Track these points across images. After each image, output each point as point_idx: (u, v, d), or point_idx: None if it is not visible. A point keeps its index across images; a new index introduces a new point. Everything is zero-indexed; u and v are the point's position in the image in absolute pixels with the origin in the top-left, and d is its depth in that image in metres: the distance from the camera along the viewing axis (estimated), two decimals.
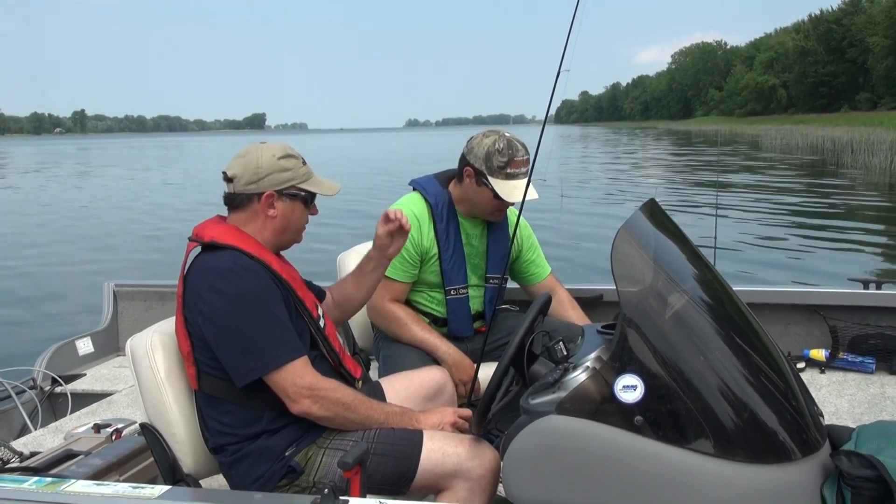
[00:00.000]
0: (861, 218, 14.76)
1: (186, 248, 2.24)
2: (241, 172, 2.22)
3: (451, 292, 3.05)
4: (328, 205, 2.61)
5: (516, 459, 1.77)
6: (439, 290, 3.07)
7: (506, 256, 3.08)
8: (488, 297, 3.13)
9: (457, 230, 3.05)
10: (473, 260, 3.10)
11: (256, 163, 2.23)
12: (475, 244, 3.11)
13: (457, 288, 3.05)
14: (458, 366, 2.93)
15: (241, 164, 2.23)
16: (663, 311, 1.82)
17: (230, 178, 2.24)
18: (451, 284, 3.04)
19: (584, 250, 11.40)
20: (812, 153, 34.34)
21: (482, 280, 3.12)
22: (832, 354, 3.51)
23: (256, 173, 2.22)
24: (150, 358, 2.24)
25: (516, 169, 2.89)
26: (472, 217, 3.09)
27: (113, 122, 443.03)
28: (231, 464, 2.21)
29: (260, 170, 2.22)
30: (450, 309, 3.07)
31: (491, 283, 3.13)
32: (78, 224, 17.49)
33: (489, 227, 3.14)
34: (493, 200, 2.93)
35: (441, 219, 3.01)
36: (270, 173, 2.23)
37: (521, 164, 2.91)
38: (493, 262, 3.12)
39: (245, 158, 2.25)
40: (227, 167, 2.25)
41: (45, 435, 3.36)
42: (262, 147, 2.27)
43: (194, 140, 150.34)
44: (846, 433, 1.78)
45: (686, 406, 1.68)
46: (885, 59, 75.18)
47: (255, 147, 2.28)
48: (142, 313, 4.42)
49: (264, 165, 2.22)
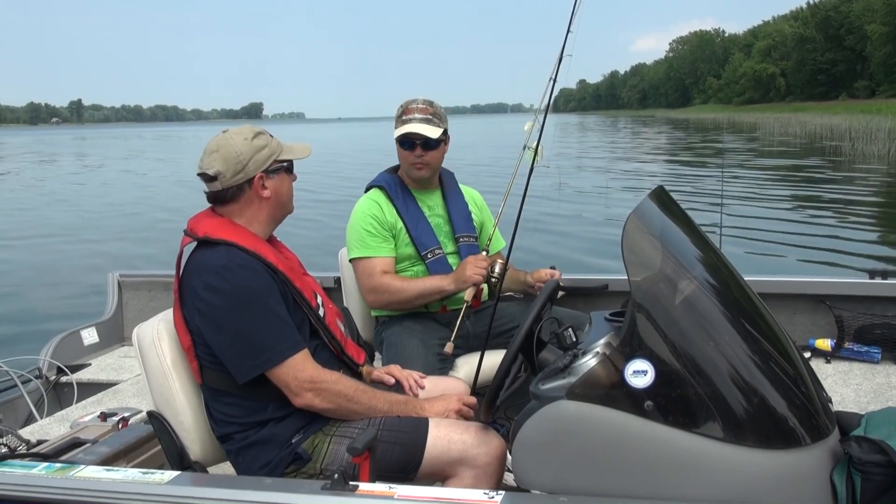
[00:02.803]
0: (865, 206, 14.73)
1: (181, 243, 2.23)
2: (225, 167, 2.19)
3: (428, 256, 3.16)
4: (333, 199, 2.62)
5: (526, 444, 1.78)
6: (418, 261, 3.17)
7: (468, 217, 3.32)
8: (464, 253, 3.22)
9: (414, 202, 3.23)
10: (441, 227, 3.26)
11: (235, 152, 2.20)
12: (437, 213, 3.28)
13: (431, 250, 3.17)
14: (463, 268, 3.01)
15: (221, 159, 2.19)
16: (673, 296, 1.83)
17: (213, 177, 2.20)
18: (426, 248, 3.17)
19: (584, 239, 11.39)
20: (811, 142, 34.30)
21: (454, 242, 3.26)
22: (838, 344, 3.50)
23: (239, 162, 2.19)
24: (156, 346, 2.24)
25: (409, 115, 3.14)
26: (425, 189, 3.29)
27: (110, 112, 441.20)
28: (238, 451, 2.21)
29: (241, 157, 2.19)
30: (433, 272, 3.15)
31: (462, 242, 3.26)
32: (80, 213, 17.46)
33: (444, 195, 3.34)
34: (402, 150, 3.17)
35: (397, 196, 3.20)
36: (252, 157, 2.21)
37: (415, 110, 3.14)
38: (458, 222, 3.29)
39: (220, 152, 2.20)
40: (205, 166, 2.21)
41: (51, 424, 3.37)
42: (229, 136, 2.24)
43: (191, 130, 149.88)
44: (855, 419, 1.79)
45: (696, 391, 1.68)
46: (883, 46, 75.08)
47: (223, 138, 2.24)
48: (147, 303, 4.42)
49: (243, 152, 2.20)
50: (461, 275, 3.00)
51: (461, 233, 3.26)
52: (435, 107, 3.17)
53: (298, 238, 9.61)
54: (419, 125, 3.10)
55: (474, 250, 3.24)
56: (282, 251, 2.37)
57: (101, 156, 48.82)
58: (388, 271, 3.11)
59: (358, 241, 3.12)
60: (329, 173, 23.97)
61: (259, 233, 2.27)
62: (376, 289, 3.09)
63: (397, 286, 3.07)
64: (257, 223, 2.27)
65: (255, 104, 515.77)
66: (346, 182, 20.47)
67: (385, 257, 3.11)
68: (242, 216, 2.26)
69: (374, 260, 3.10)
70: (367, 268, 3.10)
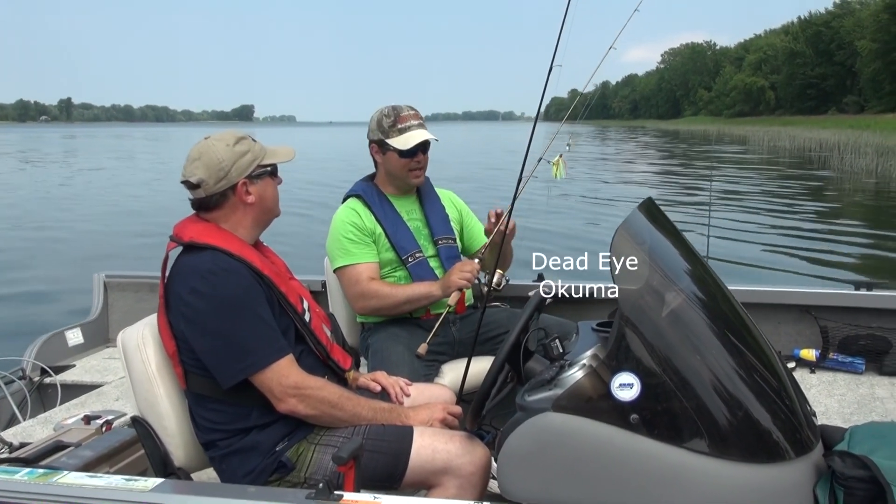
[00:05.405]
0: (852, 219, 14.84)
1: (167, 248, 2.22)
2: (207, 174, 2.18)
3: (409, 259, 3.16)
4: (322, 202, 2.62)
5: (512, 455, 1.78)
6: (400, 265, 3.17)
7: (445, 219, 3.31)
8: (444, 256, 3.24)
9: (392, 208, 3.23)
10: (419, 231, 3.25)
11: (217, 158, 2.19)
12: (415, 217, 3.28)
13: (412, 253, 3.17)
14: (450, 273, 3.03)
15: (203, 166, 2.19)
16: (660, 309, 1.83)
17: (196, 185, 2.19)
18: (406, 252, 3.16)
19: (573, 250, 11.37)
20: (800, 155, 34.49)
21: (434, 245, 3.26)
22: (822, 355, 3.52)
23: (222, 168, 2.19)
24: (141, 351, 2.22)
25: (406, 123, 3.11)
26: (403, 195, 3.29)
27: (100, 111, 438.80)
28: (222, 458, 2.20)
29: (224, 163, 2.19)
30: (414, 276, 3.15)
31: (442, 244, 3.26)
32: (68, 214, 17.37)
33: (421, 200, 3.33)
34: (400, 158, 3.13)
35: (374, 203, 3.20)
36: (234, 163, 2.20)
37: (410, 117, 3.13)
38: (436, 225, 3.29)
39: (202, 159, 2.19)
40: (187, 174, 2.20)
41: (34, 426, 3.34)
42: (211, 143, 2.23)
43: (182, 131, 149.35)
44: (839, 433, 1.80)
45: (681, 405, 1.69)
46: (872, 62, 75.54)
47: (205, 145, 2.23)
48: (133, 304, 4.39)
49: (226, 158, 2.19)
50: (447, 280, 3.02)
51: (440, 235, 3.27)
52: (415, 109, 3.20)
53: (286, 241, 9.57)
54: (423, 131, 3.12)
55: (454, 252, 3.28)
56: (268, 256, 2.36)
57: (88, 153, 48.59)
58: (374, 277, 3.11)
59: (340, 250, 3.11)
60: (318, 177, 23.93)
61: (245, 238, 2.27)
62: (365, 295, 3.08)
63: (385, 292, 3.07)
64: (243, 228, 2.27)
65: (246, 106, 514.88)
66: (337, 184, 20.48)
67: (369, 262, 3.11)
68: (227, 222, 2.25)
69: (358, 266, 3.09)
70: (353, 275, 3.09)
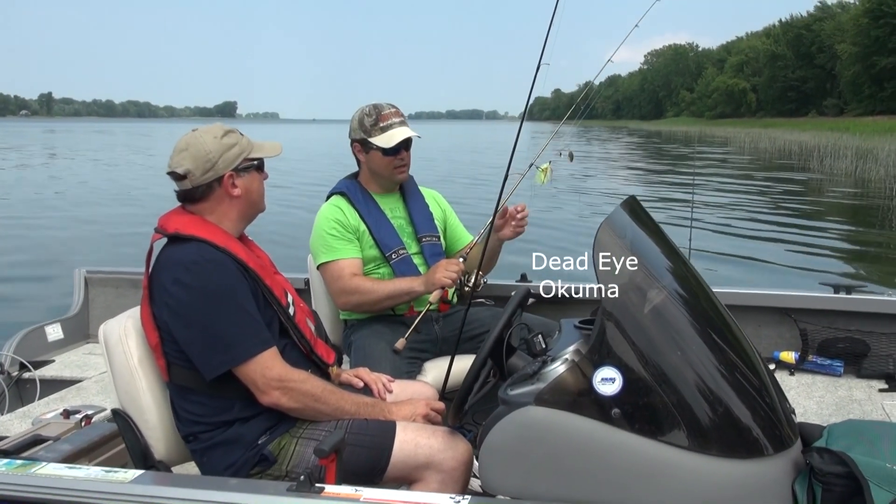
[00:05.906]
0: (831, 222, 14.96)
1: (151, 240, 2.21)
2: (194, 165, 2.18)
3: (393, 256, 3.17)
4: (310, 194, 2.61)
5: (493, 449, 1.78)
6: (383, 262, 3.17)
7: (429, 216, 3.33)
8: (428, 253, 3.25)
9: (376, 205, 3.24)
10: (403, 228, 3.26)
11: (204, 150, 2.19)
12: (399, 215, 3.29)
13: (396, 250, 3.18)
14: (434, 271, 3.02)
15: (190, 157, 2.19)
16: (642, 305, 1.84)
17: (183, 175, 2.19)
18: (390, 249, 3.17)
19: (557, 249, 11.39)
20: (780, 157, 34.74)
21: (417, 242, 3.27)
22: (802, 357, 3.55)
23: (209, 160, 2.19)
24: (123, 344, 2.21)
25: (387, 121, 3.12)
26: (386, 193, 3.30)
27: (81, 106, 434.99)
28: (203, 451, 2.19)
29: (211, 155, 2.19)
30: (398, 272, 3.15)
31: (425, 241, 3.27)
32: (49, 209, 17.20)
33: (405, 198, 3.35)
34: (384, 157, 3.14)
35: (358, 200, 3.21)
36: (222, 155, 2.20)
37: (391, 115, 3.14)
38: (420, 222, 3.30)
39: (190, 150, 2.19)
40: (174, 165, 2.20)
41: (12, 420, 3.31)
42: (199, 134, 2.23)
43: (164, 127, 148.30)
44: (817, 431, 1.82)
45: (662, 400, 1.70)
46: (852, 65, 76.33)
47: (192, 136, 2.23)
48: (113, 300, 4.37)
49: (213, 150, 2.19)
50: (431, 277, 3.01)
51: (424, 233, 3.28)
52: (396, 107, 3.21)
53: (270, 237, 9.53)
54: (405, 128, 3.13)
55: (438, 249, 3.28)
56: (253, 249, 2.36)
57: (69, 148, 48.17)
58: (356, 273, 3.11)
59: (323, 246, 3.11)
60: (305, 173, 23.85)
61: (230, 230, 2.26)
62: (347, 290, 3.08)
63: (367, 287, 3.07)
64: (228, 221, 2.26)
65: (228, 102, 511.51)
66: (322, 180, 20.42)
67: (352, 258, 3.11)
68: (213, 214, 2.25)
69: (341, 262, 3.09)
70: (336, 271, 3.09)
